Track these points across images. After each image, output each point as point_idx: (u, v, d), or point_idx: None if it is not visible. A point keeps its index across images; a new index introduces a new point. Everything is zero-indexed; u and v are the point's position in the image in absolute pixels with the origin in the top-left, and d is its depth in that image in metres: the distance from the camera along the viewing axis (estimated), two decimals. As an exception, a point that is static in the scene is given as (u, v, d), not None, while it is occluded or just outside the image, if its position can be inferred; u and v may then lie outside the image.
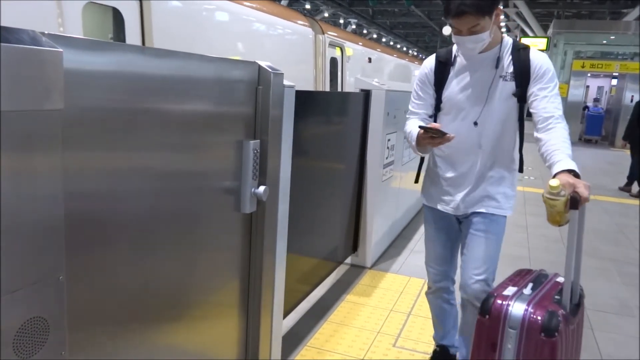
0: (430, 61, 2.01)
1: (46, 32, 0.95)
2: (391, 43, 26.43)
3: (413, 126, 1.92)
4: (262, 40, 5.85)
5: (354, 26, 21.99)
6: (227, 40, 5.10)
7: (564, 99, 14.78)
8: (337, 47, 8.09)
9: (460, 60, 1.93)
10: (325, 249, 3.02)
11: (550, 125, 1.74)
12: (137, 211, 1.27)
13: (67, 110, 0.97)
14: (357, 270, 3.46)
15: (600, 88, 17.63)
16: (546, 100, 1.78)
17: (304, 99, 2.42)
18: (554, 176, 1.57)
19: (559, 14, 17.21)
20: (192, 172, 1.47)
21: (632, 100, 13.77)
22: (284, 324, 2.43)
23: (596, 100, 16.30)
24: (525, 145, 1.95)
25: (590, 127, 15.05)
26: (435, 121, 2.00)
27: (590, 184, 1.51)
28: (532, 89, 1.81)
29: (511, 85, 1.85)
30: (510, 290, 1.67)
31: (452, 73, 1.94)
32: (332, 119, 3.00)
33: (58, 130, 0.96)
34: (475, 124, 1.89)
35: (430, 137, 1.77)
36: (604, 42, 15.40)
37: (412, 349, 2.46)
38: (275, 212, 1.88)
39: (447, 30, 22.57)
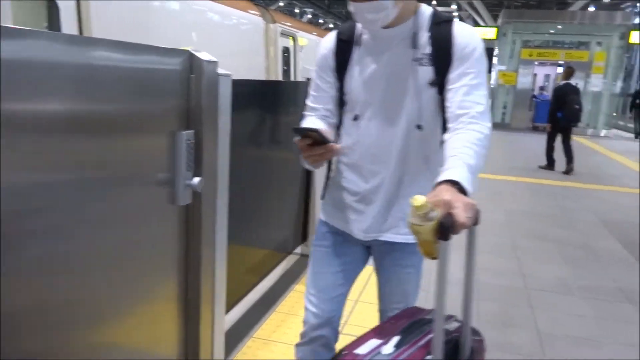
0: (329, 40, 1.53)
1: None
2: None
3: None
4: (210, 30, 5.74)
5: (310, 16, 21.91)
6: (175, 30, 4.98)
7: (513, 88, 15.23)
8: (289, 37, 8.04)
9: (366, 39, 1.45)
10: (273, 239, 3.01)
11: (460, 125, 1.28)
12: (62, 208, 1.21)
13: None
14: (307, 259, 3.46)
15: (547, 76, 18.23)
16: (463, 91, 1.31)
17: (245, 88, 2.39)
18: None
19: (508, 3, 17.69)
20: (120, 165, 1.42)
21: (576, 87, 14.33)
22: (229, 317, 2.41)
23: (542, 88, 16.83)
24: None
25: (539, 115, 15.52)
26: (340, 120, 1.53)
27: (476, 202, 1.07)
28: (451, 75, 1.35)
29: (428, 71, 1.36)
30: (367, 346, 1.18)
31: (355, 56, 1.45)
32: (277, 107, 2.97)
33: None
34: (388, 123, 1.43)
35: (309, 146, 1.31)
36: (552, 31, 15.93)
37: (358, 335, 2.48)
38: (214, 204, 1.85)
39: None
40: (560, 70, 16.38)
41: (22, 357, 1.15)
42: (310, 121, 1.54)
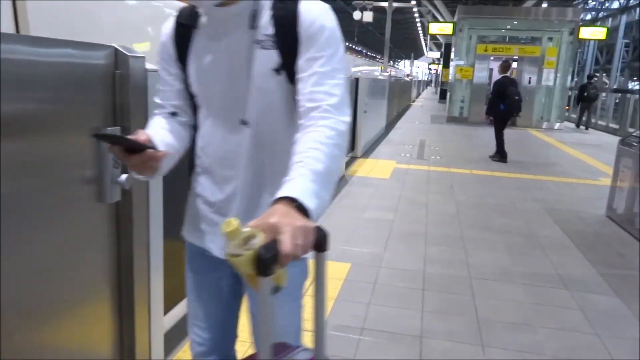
0: (168, 25, 1.29)
1: None
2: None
3: (150, 129, 1.24)
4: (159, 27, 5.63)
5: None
6: (123, 26, 4.86)
7: (470, 82, 15.54)
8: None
9: (204, 21, 1.22)
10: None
11: (311, 122, 1.08)
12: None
13: None
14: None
15: (503, 71, 18.63)
16: (313, 81, 1.11)
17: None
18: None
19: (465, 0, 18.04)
20: (44, 164, 1.39)
21: (529, 82, 14.77)
22: (175, 314, 2.40)
23: (498, 83, 17.20)
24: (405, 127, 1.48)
25: (495, 109, 15.91)
26: (195, 119, 1.32)
27: (313, 225, 0.86)
28: (299, 61, 1.13)
29: (272, 55, 1.14)
30: None
31: (195, 42, 1.23)
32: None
33: None
34: (233, 121, 1.21)
35: (126, 154, 1.08)
36: (508, 27, 16.34)
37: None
38: (145, 200, 1.83)
39: (357, 14, 22.95)
40: (515, 65, 16.84)
41: None
42: (156, 121, 1.31)
